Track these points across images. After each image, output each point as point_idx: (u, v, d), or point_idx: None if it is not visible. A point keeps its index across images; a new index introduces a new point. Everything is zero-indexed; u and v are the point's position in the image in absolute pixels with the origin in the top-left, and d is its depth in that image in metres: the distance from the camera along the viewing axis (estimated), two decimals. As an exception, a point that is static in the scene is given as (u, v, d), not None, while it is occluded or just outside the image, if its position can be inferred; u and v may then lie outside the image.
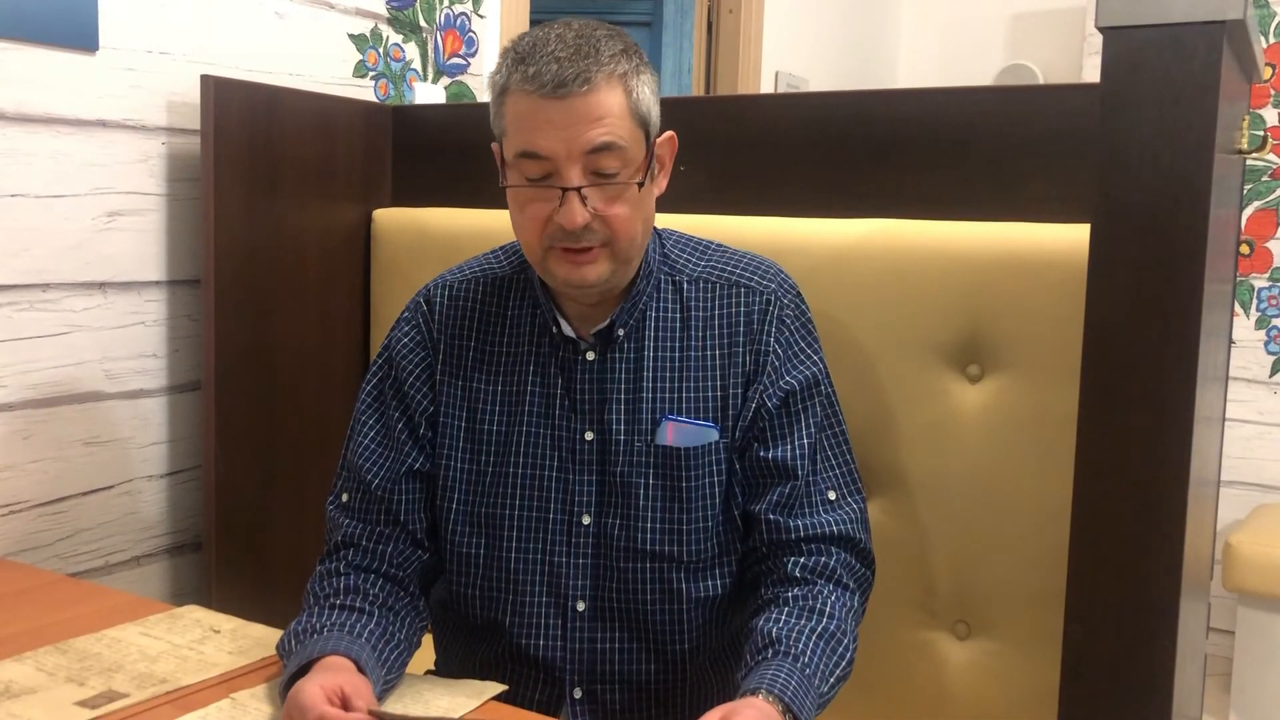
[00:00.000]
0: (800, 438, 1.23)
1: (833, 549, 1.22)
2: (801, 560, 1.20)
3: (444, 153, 1.94)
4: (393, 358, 1.29)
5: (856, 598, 1.23)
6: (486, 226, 1.75)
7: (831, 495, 1.25)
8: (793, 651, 1.11)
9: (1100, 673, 1.04)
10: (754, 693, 1.04)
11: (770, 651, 1.11)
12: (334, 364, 1.92)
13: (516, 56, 1.13)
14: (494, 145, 1.22)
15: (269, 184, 1.78)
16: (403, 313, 1.32)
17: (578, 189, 1.12)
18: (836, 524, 1.23)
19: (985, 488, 1.41)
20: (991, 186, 1.47)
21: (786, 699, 1.04)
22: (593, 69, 1.10)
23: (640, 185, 1.16)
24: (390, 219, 1.94)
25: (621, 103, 1.12)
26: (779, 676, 1.07)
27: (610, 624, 1.24)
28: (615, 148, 1.12)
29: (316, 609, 1.18)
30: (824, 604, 1.17)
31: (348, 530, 1.25)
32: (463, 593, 1.27)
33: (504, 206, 1.69)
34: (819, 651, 1.12)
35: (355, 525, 1.25)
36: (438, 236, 1.84)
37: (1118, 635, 1.03)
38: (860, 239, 1.47)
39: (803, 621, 1.14)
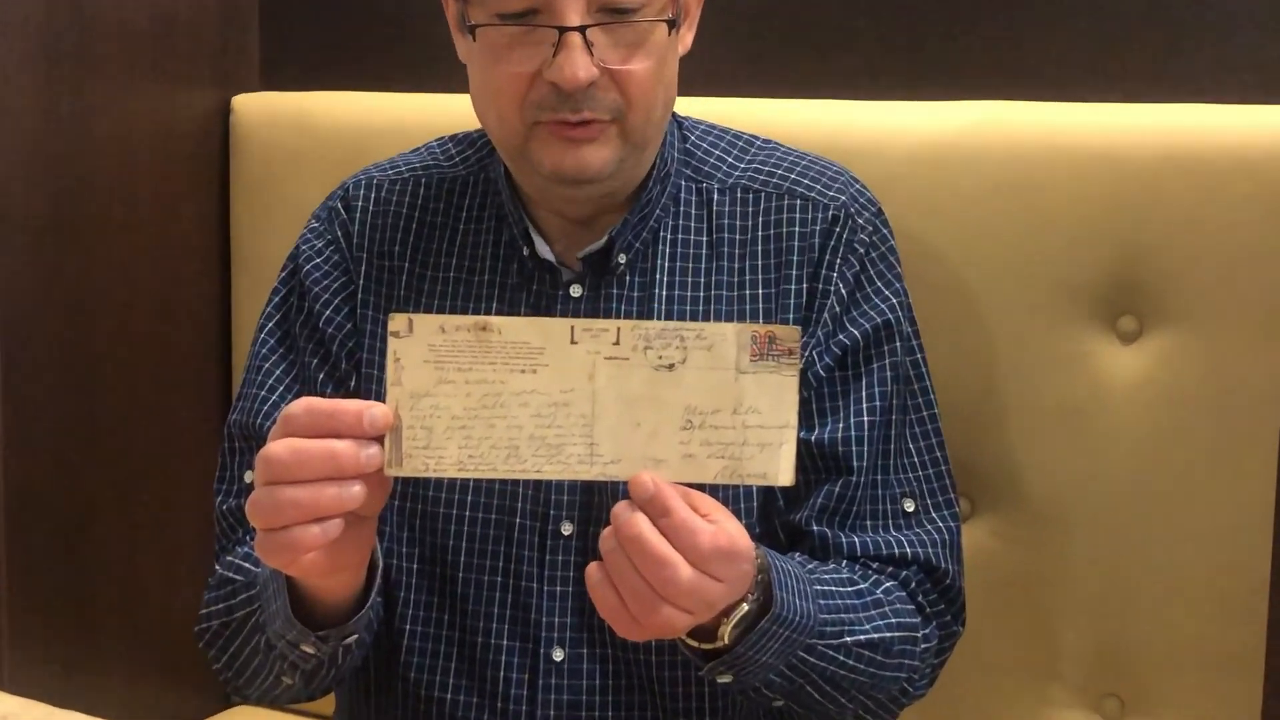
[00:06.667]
0: (859, 412, 1.10)
1: (902, 571, 1.10)
2: (855, 566, 1.10)
3: (338, 11, 1.71)
4: (300, 282, 1.17)
5: (931, 627, 1.10)
6: (403, 118, 1.55)
7: (909, 505, 1.13)
8: (809, 567, 1.05)
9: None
10: None
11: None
12: (181, 330, 1.68)
13: None
14: None
15: (75, 61, 1.52)
16: (310, 221, 1.21)
17: (580, 29, 0.99)
18: (911, 544, 1.10)
19: (1146, 499, 1.26)
20: (1155, 52, 1.30)
21: (769, 559, 0.96)
22: None
23: (671, 26, 1.02)
24: (257, 108, 1.71)
25: None
26: (777, 557, 1.00)
27: (598, 681, 1.10)
28: None
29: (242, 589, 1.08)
30: (874, 585, 1.07)
31: None
32: (388, 628, 1.14)
33: (429, 88, 1.58)
34: (844, 595, 1.03)
35: None
36: (330, 133, 1.62)
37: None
38: (958, 131, 1.32)
39: (834, 571, 1.07)
